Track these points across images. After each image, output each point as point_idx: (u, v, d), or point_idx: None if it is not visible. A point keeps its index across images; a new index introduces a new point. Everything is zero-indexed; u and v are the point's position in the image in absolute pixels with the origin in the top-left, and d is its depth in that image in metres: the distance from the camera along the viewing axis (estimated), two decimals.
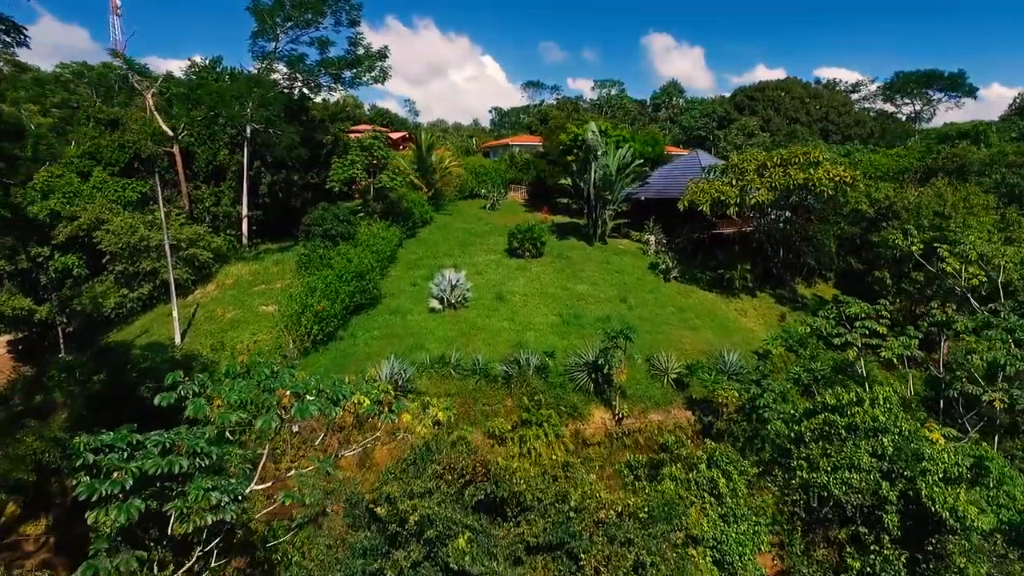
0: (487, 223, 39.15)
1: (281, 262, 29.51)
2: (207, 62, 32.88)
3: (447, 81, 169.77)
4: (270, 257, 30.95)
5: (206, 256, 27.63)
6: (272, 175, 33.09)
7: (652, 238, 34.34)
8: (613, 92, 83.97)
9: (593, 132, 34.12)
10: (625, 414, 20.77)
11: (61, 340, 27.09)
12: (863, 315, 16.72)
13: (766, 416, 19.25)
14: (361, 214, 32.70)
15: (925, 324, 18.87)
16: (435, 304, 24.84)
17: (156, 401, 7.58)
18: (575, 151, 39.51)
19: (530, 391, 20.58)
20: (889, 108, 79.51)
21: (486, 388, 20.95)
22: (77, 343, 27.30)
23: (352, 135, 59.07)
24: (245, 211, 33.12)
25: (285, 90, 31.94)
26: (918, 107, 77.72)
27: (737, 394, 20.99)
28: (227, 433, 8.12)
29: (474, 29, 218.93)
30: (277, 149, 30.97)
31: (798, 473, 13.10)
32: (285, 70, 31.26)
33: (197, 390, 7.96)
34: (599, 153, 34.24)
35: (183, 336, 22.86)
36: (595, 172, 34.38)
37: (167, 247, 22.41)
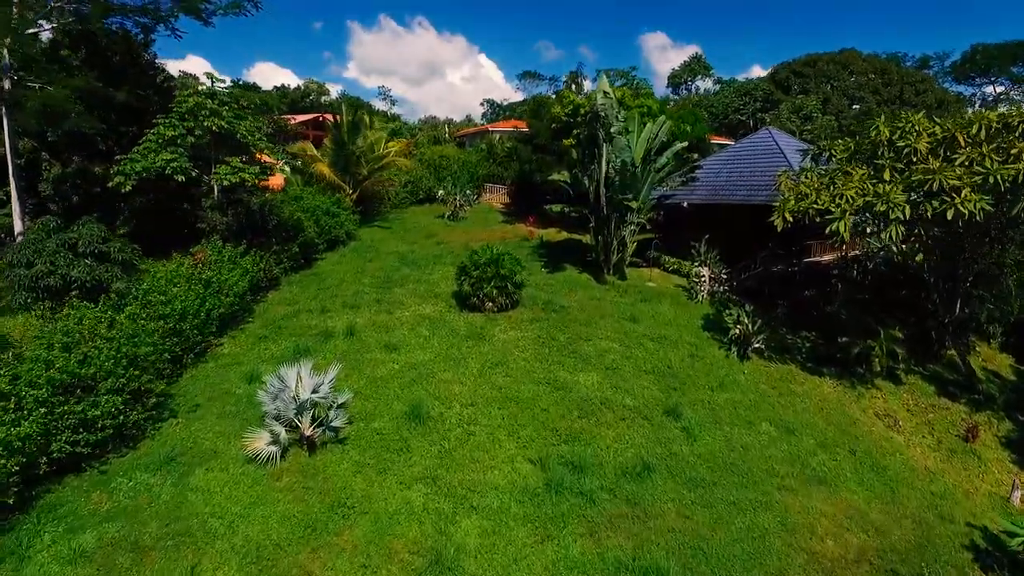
0: (440, 242, 25.54)
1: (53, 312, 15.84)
2: None
3: (444, 81, 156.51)
4: (43, 304, 17.32)
5: None
6: (62, 166, 19.46)
7: (705, 272, 20.53)
8: (619, 83, 70.06)
9: (606, 94, 20.53)
10: None
11: None
12: None
13: None
14: (214, 236, 19.05)
15: None
16: (264, 444, 11.19)
17: None
18: (575, 132, 25.95)
19: None
20: (963, 90, 65.50)
21: None
22: None
23: (292, 121, 45.35)
24: (17, 224, 19.56)
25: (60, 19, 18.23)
26: (999, 88, 63.81)
27: None
28: None
29: (469, 27, 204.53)
30: (24, 114, 17.32)
31: None
32: None
33: None
34: (614, 131, 20.63)
35: None
36: (608, 161, 20.81)
37: None
